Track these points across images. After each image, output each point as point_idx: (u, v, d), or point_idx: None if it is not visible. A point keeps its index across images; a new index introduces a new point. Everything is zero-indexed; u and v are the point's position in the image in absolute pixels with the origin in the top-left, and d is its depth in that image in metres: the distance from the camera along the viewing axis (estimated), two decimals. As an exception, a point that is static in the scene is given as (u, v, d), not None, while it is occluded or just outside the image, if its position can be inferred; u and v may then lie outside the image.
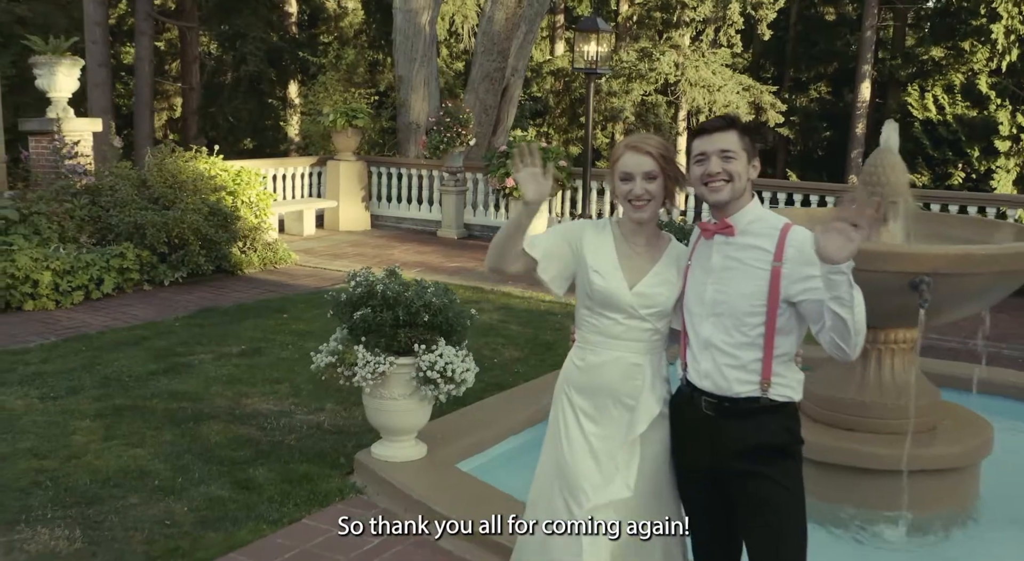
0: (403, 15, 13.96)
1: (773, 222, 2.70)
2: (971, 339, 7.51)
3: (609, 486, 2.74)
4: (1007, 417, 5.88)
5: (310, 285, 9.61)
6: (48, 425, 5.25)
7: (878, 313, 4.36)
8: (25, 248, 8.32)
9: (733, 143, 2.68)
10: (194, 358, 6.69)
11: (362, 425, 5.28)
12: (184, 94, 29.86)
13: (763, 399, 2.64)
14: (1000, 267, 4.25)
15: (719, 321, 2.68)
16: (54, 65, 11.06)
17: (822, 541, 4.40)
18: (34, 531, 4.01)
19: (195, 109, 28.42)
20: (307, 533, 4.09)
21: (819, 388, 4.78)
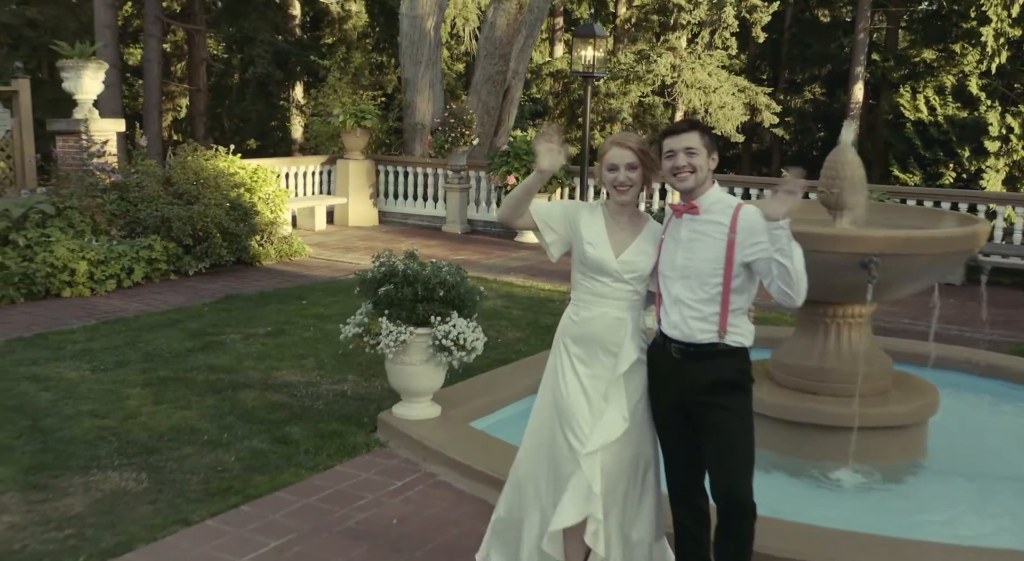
0: (409, 20, 14.63)
1: (729, 202, 3.36)
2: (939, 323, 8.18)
3: (603, 418, 3.39)
4: (958, 388, 6.55)
5: (324, 275, 10.27)
6: (103, 392, 5.91)
7: (835, 289, 5.08)
8: (62, 240, 8.98)
9: (695, 141, 3.34)
10: (225, 338, 7.35)
11: (381, 393, 5.94)
12: (191, 95, 30.51)
13: (720, 345, 3.30)
14: (938, 249, 4.92)
15: (686, 282, 3.34)
16: (81, 69, 11.71)
17: (789, 488, 5.08)
18: (105, 475, 4.66)
19: (203, 110, 29.10)
20: (340, 477, 4.75)
21: (786, 357, 5.45)
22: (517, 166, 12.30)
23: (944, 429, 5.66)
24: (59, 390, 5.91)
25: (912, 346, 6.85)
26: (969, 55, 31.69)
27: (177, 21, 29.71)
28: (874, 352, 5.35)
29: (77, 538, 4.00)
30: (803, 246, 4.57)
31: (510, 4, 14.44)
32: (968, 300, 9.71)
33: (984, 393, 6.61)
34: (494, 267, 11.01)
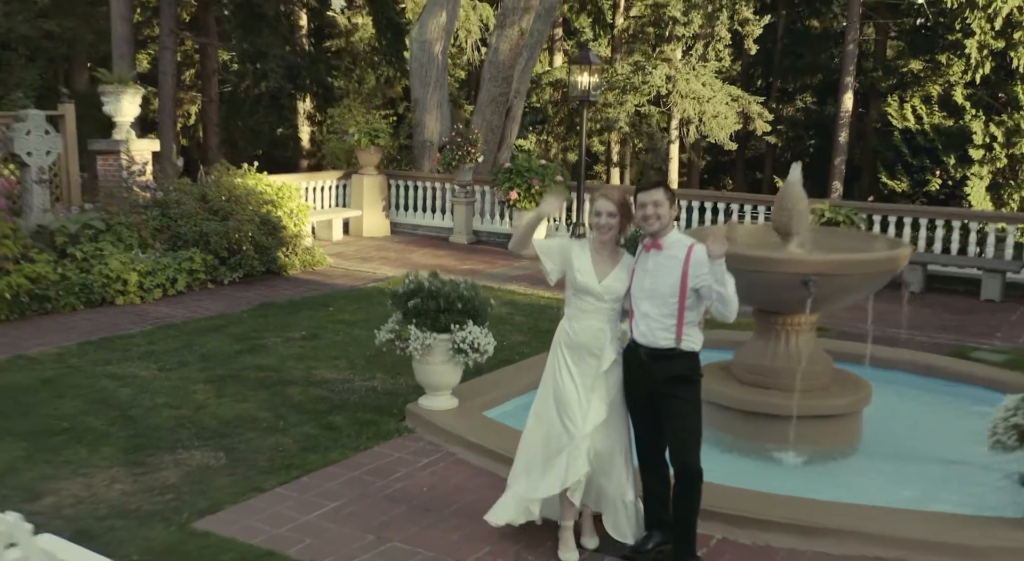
0: (418, 45, 15.74)
1: (684, 242, 4.46)
2: (890, 328, 9.30)
3: (590, 406, 4.49)
4: (899, 385, 7.66)
5: (346, 284, 11.38)
6: (173, 388, 7.01)
7: (783, 302, 6.19)
8: (114, 253, 10.08)
9: (661, 197, 4.44)
10: (267, 341, 8.45)
11: (406, 388, 7.04)
12: (203, 105, 31.64)
13: (677, 349, 4.40)
14: (865, 270, 6.04)
15: (652, 301, 4.44)
16: (120, 93, 12.82)
17: (744, 465, 6.18)
18: (189, 453, 5.77)
19: (215, 120, 30.22)
20: (378, 456, 5.85)
21: (744, 358, 6.55)
22: (519, 182, 13.41)
23: (880, 420, 6.77)
24: (135, 386, 7.02)
25: (861, 348, 7.94)
26: (954, 66, 32.69)
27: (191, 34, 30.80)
28: (817, 353, 6.45)
29: (177, 502, 5.10)
30: (757, 267, 5.76)
31: (512, 30, 15.56)
32: (923, 306, 10.84)
33: (921, 389, 7.71)
34: (498, 276, 12.12)
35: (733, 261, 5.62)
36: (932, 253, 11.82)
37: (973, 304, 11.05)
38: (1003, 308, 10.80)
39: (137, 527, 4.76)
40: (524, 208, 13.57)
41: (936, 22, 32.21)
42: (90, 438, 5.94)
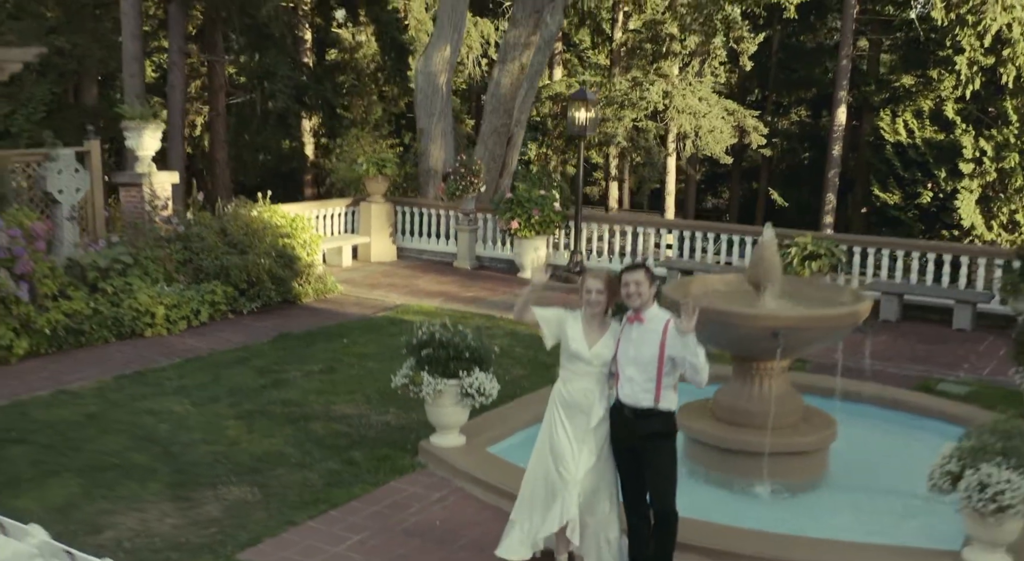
0: (423, 77, 16.48)
1: (663, 317, 5.19)
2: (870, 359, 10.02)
3: (581, 456, 5.23)
4: (867, 418, 8.39)
5: (357, 313, 12.11)
6: (206, 423, 7.75)
7: (756, 350, 6.92)
8: (143, 288, 10.82)
9: (642, 278, 5.17)
10: (288, 375, 9.19)
11: (417, 423, 7.76)
12: (211, 120, 32.40)
13: (655, 409, 5.13)
14: (828, 324, 6.78)
15: (635, 367, 5.17)
16: (142, 128, 13.51)
17: (722, 498, 6.91)
18: (228, 489, 6.50)
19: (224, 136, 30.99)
20: (394, 491, 6.58)
21: (723, 398, 7.29)
22: (520, 212, 14.16)
23: (848, 454, 7.50)
24: (172, 422, 7.75)
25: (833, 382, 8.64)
26: (945, 81, 33.38)
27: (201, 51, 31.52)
28: (788, 394, 7.19)
29: (221, 535, 5.84)
30: (733, 321, 6.48)
31: (513, 65, 16.30)
32: (899, 337, 11.58)
33: (887, 423, 8.44)
34: (499, 304, 12.85)
35: (714, 315, 6.41)
36: (908, 283, 12.57)
37: (945, 333, 11.79)
38: (972, 338, 11.54)
39: (190, 559, 5.49)
40: (525, 237, 14.32)
41: (927, 38, 32.85)
42: (138, 474, 6.68)
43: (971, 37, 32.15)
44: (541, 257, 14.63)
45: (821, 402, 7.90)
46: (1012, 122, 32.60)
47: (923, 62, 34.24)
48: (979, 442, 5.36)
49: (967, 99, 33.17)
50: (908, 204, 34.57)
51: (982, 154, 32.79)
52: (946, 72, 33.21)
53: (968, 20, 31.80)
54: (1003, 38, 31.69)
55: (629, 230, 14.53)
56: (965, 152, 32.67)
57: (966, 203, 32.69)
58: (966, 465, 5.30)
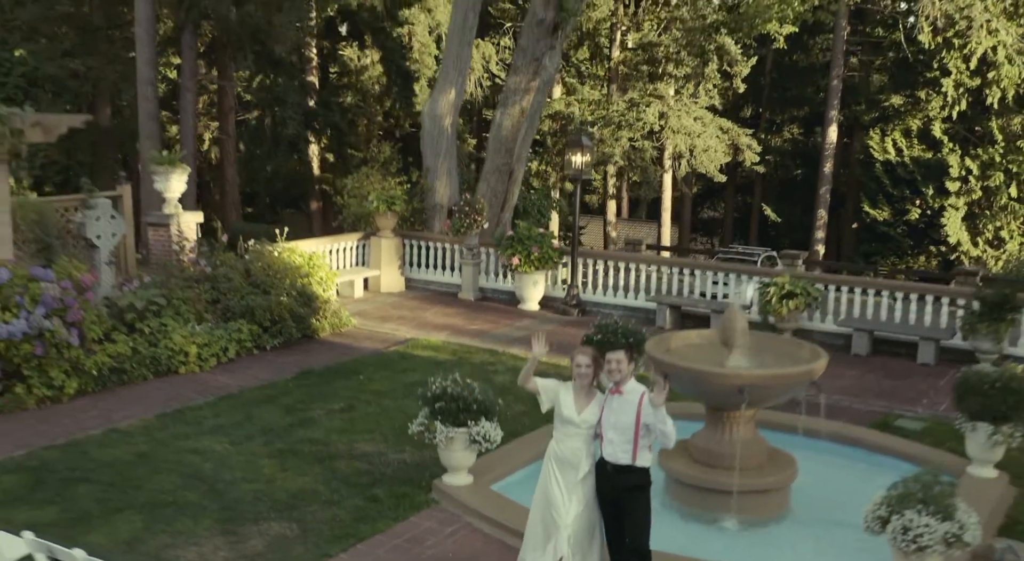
0: (430, 119, 17.55)
1: (639, 390, 6.25)
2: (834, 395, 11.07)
3: (570, 504, 6.29)
4: (829, 454, 9.44)
5: (370, 347, 13.17)
6: (245, 462, 8.80)
7: (725, 402, 7.97)
8: (177, 328, 11.88)
9: (622, 357, 6.23)
10: (312, 413, 10.24)
11: (431, 460, 8.79)
12: (221, 142, 33.50)
13: (633, 465, 6.19)
14: (787, 381, 7.84)
15: (615, 431, 6.22)
16: (170, 172, 14.59)
17: (695, 531, 7.97)
18: (268, 525, 7.55)
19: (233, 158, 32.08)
20: (412, 525, 7.63)
21: (698, 442, 8.34)
22: (520, 249, 15.23)
23: (809, 489, 8.55)
24: (215, 461, 8.81)
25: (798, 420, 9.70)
26: (933, 101, 34.41)
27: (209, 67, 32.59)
28: (753, 439, 8.25)
29: (267, 566, 6.89)
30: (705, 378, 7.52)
31: (514, 109, 17.36)
32: (868, 372, 12.64)
33: (847, 459, 9.49)
34: (501, 337, 13.91)
35: (689, 373, 7.48)
36: (877, 320, 13.62)
37: (910, 368, 12.85)
38: (935, 372, 12.60)
39: (244, 589, 6.55)
40: (525, 272, 15.38)
41: (916, 60, 33.82)
42: (191, 510, 7.74)
43: (957, 60, 33.21)
44: (540, 291, 15.69)
45: (786, 438, 8.99)
46: (997, 142, 33.67)
47: (912, 82, 35.25)
48: (904, 491, 6.41)
49: (954, 119, 34.19)
50: (897, 220, 35.65)
51: (968, 173, 33.84)
52: (934, 93, 34.24)
53: (955, 43, 32.86)
54: (988, 61, 32.69)
55: (623, 266, 15.57)
56: (951, 171, 33.76)
57: (952, 220, 33.78)
58: (893, 511, 6.35)
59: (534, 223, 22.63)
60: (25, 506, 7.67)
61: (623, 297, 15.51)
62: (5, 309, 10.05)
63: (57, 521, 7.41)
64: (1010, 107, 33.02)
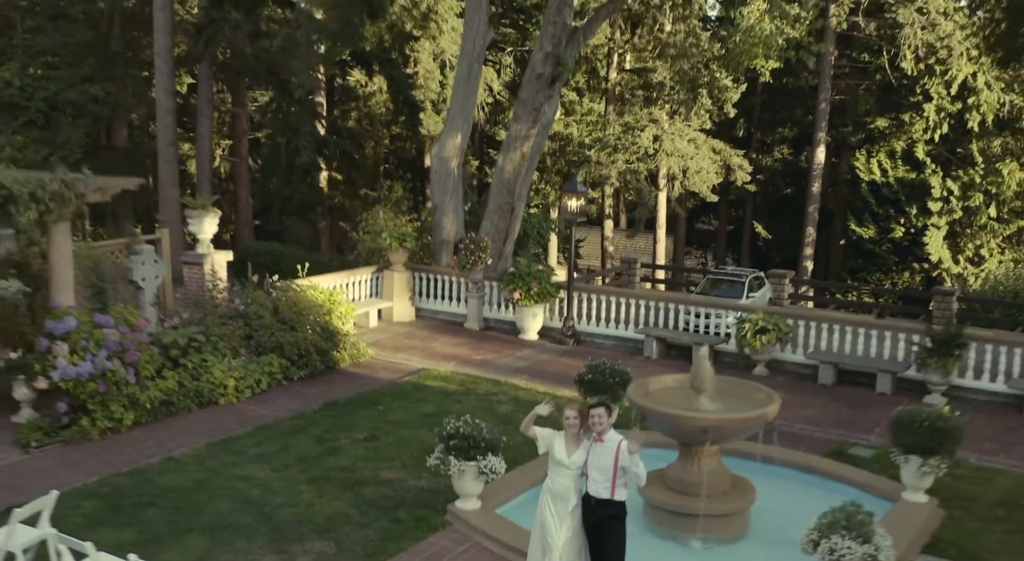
0: (438, 161, 19.09)
1: (617, 438, 7.76)
2: (798, 424, 12.59)
3: (561, 530, 7.81)
4: (787, 480, 10.93)
5: (386, 378, 14.69)
6: (286, 488, 10.32)
7: (694, 440, 9.50)
8: (216, 364, 13.40)
9: (603, 412, 7.75)
10: (339, 443, 11.76)
11: (444, 486, 10.29)
12: (234, 166, 35.06)
13: (612, 499, 7.71)
14: (743, 425, 9.36)
15: (598, 471, 7.74)
16: (203, 216, 16.10)
17: (667, 548, 9.47)
18: (312, 544, 9.06)
19: (246, 180, 33.62)
20: (432, 544, 9.15)
21: (672, 472, 9.85)
22: (520, 284, 16.76)
23: (768, 512, 10.05)
24: (260, 487, 10.33)
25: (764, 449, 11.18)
26: (917, 124, 35.91)
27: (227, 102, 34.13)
28: (718, 470, 9.76)
29: (313, 579, 8.41)
30: (676, 420, 9.04)
31: (516, 154, 18.89)
32: (831, 401, 14.16)
33: (802, 485, 10.98)
34: (504, 368, 15.42)
35: (664, 416, 8.99)
36: (842, 353, 15.14)
37: (869, 397, 14.37)
38: (891, 402, 14.09)
39: (297, 599, 8.06)
40: (525, 305, 16.90)
41: (900, 84, 35.28)
42: (246, 531, 9.25)
43: (939, 85, 34.74)
44: (538, 323, 17.23)
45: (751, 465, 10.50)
46: (978, 163, 35.21)
47: (896, 106, 36.71)
48: (832, 519, 7.93)
49: (936, 141, 35.68)
50: (882, 238, 37.15)
51: (949, 193, 35.38)
52: (917, 116, 35.71)
53: (936, 70, 34.36)
54: (968, 86, 34.19)
55: (614, 300, 17.09)
56: (933, 191, 35.28)
57: (934, 239, 35.29)
58: (822, 535, 7.87)
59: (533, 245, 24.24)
60: (108, 528, 9.19)
61: (615, 328, 17.03)
62: (73, 353, 11.57)
63: (136, 541, 8.93)
64: (990, 130, 34.54)
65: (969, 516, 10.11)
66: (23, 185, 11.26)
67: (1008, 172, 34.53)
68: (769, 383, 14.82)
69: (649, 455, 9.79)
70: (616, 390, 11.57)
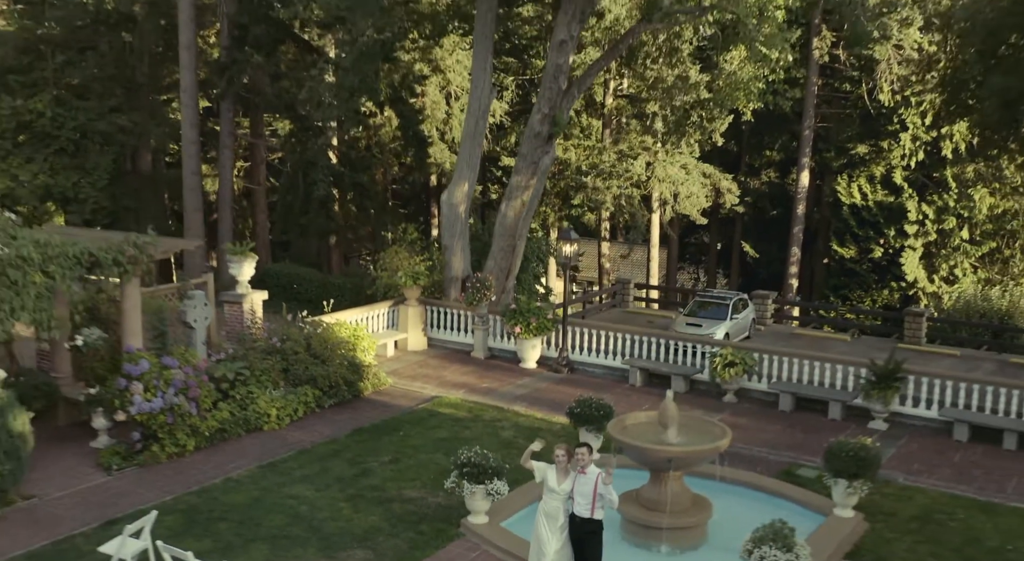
0: (447, 207, 21.37)
1: (596, 471, 10.02)
2: (756, 447, 14.84)
3: (551, 543, 10.08)
4: (743, 498, 13.18)
5: (404, 405, 16.96)
6: (328, 505, 12.57)
7: (660, 467, 11.79)
8: (261, 396, 15.65)
9: (585, 452, 10.02)
10: (368, 465, 14.01)
11: (458, 503, 12.53)
12: (253, 193, 37.34)
13: (591, 518, 9.98)
14: (699, 456, 11.64)
15: (581, 496, 10.01)
16: (242, 261, 18.37)
17: (639, 555, 11.73)
18: (354, 552, 11.31)
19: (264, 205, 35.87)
20: (449, 552, 11.40)
21: (644, 492, 12.11)
22: (521, 320, 19.02)
23: (722, 525, 12.30)
24: (307, 504, 12.58)
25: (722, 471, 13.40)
26: (895, 151, 38.23)
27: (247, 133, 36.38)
28: (682, 491, 12.01)
29: (357, 580, 10.66)
30: (645, 452, 11.39)
31: (516, 202, 21.16)
32: (787, 427, 16.41)
33: (753, 501, 13.22)
34: (506, 395, 17.69)
35: (635, 448, 11.25)
36: (800, 383, 17.40)
37: (821, 422, 16.62)
38: (839, 427, 16.35)
39: (346, 595, 10.33)
40: (525, 338, 19.17)
41: (878, 113, 37.49)
42: (300, 542, 11.51)
43: (914, 116, 36.93)
44: (537, 352, 19.50)
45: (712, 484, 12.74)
46: (951, 188, 37.42)
47: (876, 133, 38.97)
48: (763, 533, 10.19)
49: (912, 167, 37.89)
50: (863, 258, 39.48)
51: (924, 217, 37.62)
52: (895, 143, 37.95)
53: (912, 101, 36.59)
54: (943, 115, 36.34)
55: (604, 334, 19.35)
56: (910, 215, 37.53)
57: (910, 260, 37.59)
58: (755, 545, 10.14)
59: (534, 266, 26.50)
60: (188, 538, 11.46)
61: (604, 358, 19.29)
62: (147, 390, 13.83)
63: (212, 550, 11.20)
64: (963, 157, 36.77)
65: (888, 529, 12.36)
66: (107, 252, 13.52)
67: (979, 197, 36.82)
68: (736, 409, 17.21)
69: (629, 475, 12.19)
70: (600, 421, 13.82)
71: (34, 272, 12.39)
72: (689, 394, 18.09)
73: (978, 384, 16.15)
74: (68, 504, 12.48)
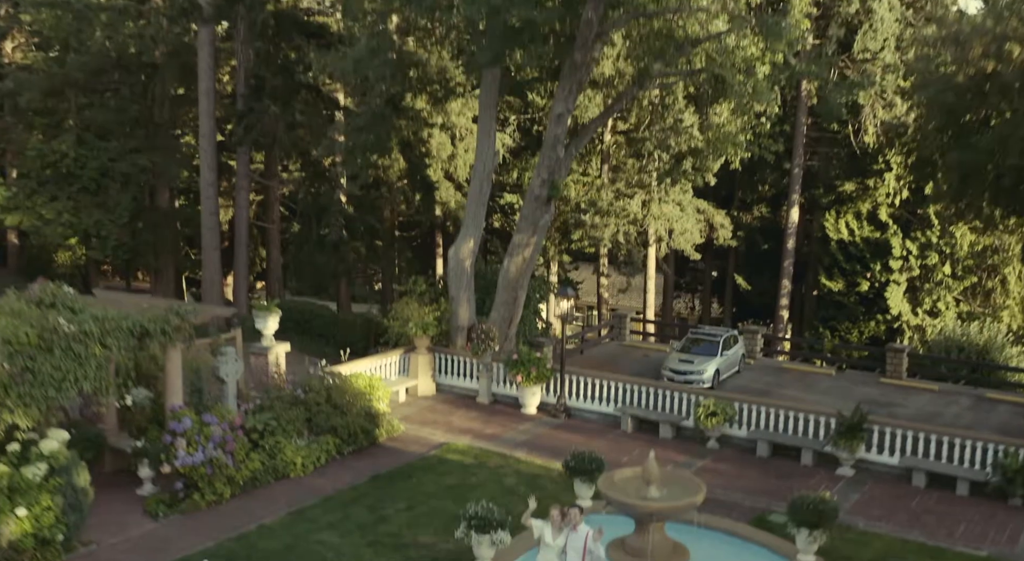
0: (454, 261, 23.15)
1: (586, 529, 11.75)
2: (732, 491, 16.51)
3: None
4: (717, 543, 14.85)
5: (416, 451, 18.67)
6: (351, 551, 14.26)
7: (644, 519, 13.51)
8: (287, 446, 17.37)
9: (577, 513, 11.75)
10: (386, 512, 15.71)
11: (466, 550, 14.19)
12: (267, 232, 39.13)
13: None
14: (676, 511, 13.35)
15: (572, 551, 11.72)
16: (267, 316, 20.10)
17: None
18: (376, 594, 13.04)
19: (278, 242, 37.64)
20: (459, 594, 13.13)
21: (630, 542, 13.81)
22: (522, 370, 20.77)
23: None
24: (334, 550, 14.28)
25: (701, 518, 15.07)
26: (880, 189, 39.92)
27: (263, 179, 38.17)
28: (663, 539, 13.71)
29: (380, 620, 12.36)
30: (631, 506, 13.12)
31: (518, 258, 22.91)
32: (763, 473, 18.10)
33: (728, 546, 14.90)
34: (509, 441, 19.39)
35: (621, 503, 12.96)
36: (777, 431, 19.10)
37: (795, 468, 18.32)
38: (810, 473, 18.04)
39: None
40: (526, 386, 20.90)
41: (864, 153, 39.24)
42: (329, 585, 13.23)
43: (899, 156, 38.67)
44: (537, 398, 21.23)
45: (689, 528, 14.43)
46: (934, 225, 39.12)
47: (862, 171, 40.71)
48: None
49: (897, 205, 39.62)
50: (850, 291, 41.22)
51: (908, 253, 39.34)
52: (880, 181, 39.70)
53: (896, 142, 38.35)
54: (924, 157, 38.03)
55: (598, 382, 21.07)
56: (894, 251, 39.26)
57: (895, 294, 39.32)
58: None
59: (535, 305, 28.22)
60: (232, 582, 13.19)
61: (598, 405, 21.00)
62: (189, 444, 15.56)
63: (254, 592, 12.92)
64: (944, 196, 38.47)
65: (845, 571, 14.07)
66: (155, 323, 15.26)
67: (961, 234, 38.54)
68: (718, 455, 18.91)
69: (620, 522, 13.78)
70: (593, 473, 15.51)
71: (95, 345, 14.13)
72: (676, 440, 19.79)
73: (935, 434, 17.84)
74: (123, 549, 14.19)
